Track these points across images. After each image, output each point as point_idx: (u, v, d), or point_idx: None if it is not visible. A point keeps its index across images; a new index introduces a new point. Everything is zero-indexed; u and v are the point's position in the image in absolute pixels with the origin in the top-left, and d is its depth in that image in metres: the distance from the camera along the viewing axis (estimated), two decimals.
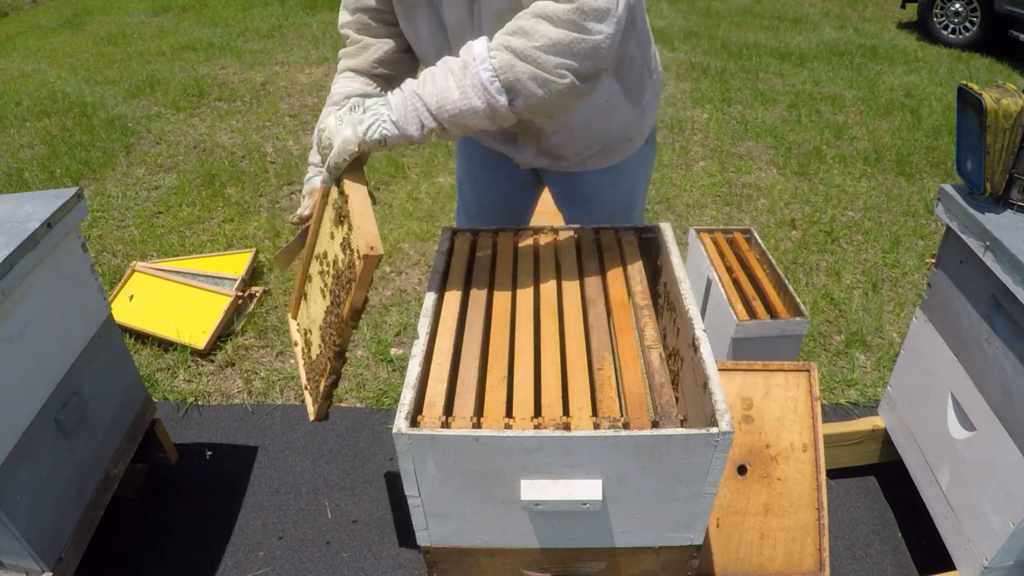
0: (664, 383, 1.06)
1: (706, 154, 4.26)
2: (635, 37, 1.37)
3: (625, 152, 1.56)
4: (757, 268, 2.19)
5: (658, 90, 1.54)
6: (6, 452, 1.43)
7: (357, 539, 1.96)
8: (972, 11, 6.25)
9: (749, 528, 1.60)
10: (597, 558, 1.13)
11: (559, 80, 1.06)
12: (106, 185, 3.90)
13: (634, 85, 1.44)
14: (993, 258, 1.39)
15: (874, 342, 2.67)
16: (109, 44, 6.59)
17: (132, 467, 1.96)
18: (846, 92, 5.22)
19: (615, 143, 1.53)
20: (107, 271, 3.09)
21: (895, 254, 3.21)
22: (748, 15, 7.51)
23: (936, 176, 3.98)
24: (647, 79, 1.47)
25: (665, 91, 5.27)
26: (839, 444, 2.02)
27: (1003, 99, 1.33)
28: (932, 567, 1.75)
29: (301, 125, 4.71)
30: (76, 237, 1.67)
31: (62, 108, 4.96)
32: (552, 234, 1.45)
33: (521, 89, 1.05)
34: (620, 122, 1.49)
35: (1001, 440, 1.45)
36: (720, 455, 0.96)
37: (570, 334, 1.18)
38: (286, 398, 2.45)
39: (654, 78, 1.50)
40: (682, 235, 2.95)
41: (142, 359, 2.59)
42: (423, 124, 1.08)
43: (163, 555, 1.92)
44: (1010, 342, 1.41)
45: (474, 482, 1.01)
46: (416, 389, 1.04)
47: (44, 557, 1.52)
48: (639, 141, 1.55)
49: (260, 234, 3.39)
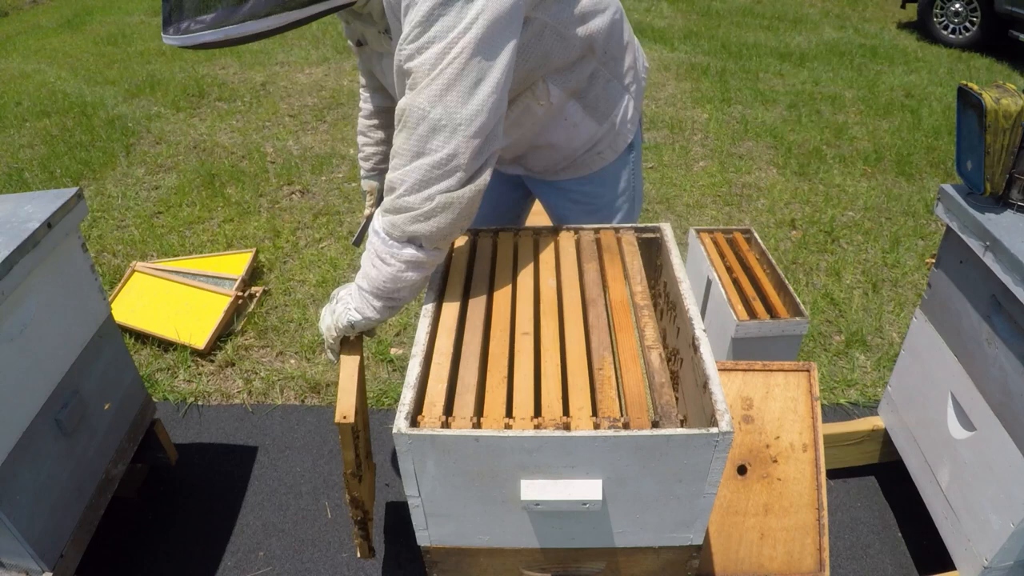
0: (664, 383, 1.06)
1: (706, 154, 4.26)
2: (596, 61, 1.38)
3: (596, 165, 1.55)
4: (757, 268, 2.19)
5: (638, 102, 1.53)
6: (6, 452, 1.43)
7: None
8: (972, 11, 6.25)
9: (749, 528, 1.60)
10: (597, 558, 1.13)
11: (436, 206, 1.12)
12: (106, 185, 3.90)
13: (600, 103, 1.44)
14: (993, 258, 1.39)
15: (874, 342, 2.67)
16: (109, 44, 6.59)
17: (132, 467, 1.96)
18: (846, 92, 5.22)
19: (584, 158, 1.53)
20: (107, 271, 3.09)
21: (895, 254, 3.21)
22: (748, 15, 7.51)
23: (936, 176, 3.98)
24: (619, 95, 1.47)
25: (665, 91, 5.27)
26: (839, 444, 2.02)
27: (1003, 99, 1.33)
28: (932, 567, 1.75)
29: (301, 125, 4.71)
30: (76, 237, 1.67)
31: (62, 108, 4.96)
32: (552, 234, 1.45)
33: (414, 233, 1.14)
34: (586, 139, 1.49)
35: (1001, 440, 1.45)
36: (720, 455, 0.96)
37: (570, 334, 1.18)
38: (286, 398, 2.45)
39: (632, 91, 1.49)
40: (682, 235, 2.95)
41: (142, 359, 2.59)
42: (373, 306, 1.23)
43: (163, 555, 1.92)
44: (1010, 342, 1.41)
45: (474, 482, 1.01)
46: (416, 389, 1.04)
47: (44, 557, 1.52)
48: (611, 154, 1.54)
49: (260, 234, 3.39)
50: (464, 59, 1.07)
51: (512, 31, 1.11)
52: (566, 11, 1.27)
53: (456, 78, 1.08)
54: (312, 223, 3.51)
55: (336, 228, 3.46)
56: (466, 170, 1.11)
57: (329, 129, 4.65)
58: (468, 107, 1.09)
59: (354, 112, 4.87)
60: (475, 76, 1.08)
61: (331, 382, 2.50)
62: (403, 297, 1.22)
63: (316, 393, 2.47)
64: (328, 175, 4.01)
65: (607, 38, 1.37)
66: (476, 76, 1.08)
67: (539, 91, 1.36)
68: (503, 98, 1.13)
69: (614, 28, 1.38)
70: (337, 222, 3.52)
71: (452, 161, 1.10)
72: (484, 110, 1.09)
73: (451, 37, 1.06)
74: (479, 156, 1.12)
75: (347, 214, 3.59)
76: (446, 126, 1.08)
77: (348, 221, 3.52)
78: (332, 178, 3.98)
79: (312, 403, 2.44)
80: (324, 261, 3.17)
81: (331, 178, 3.98)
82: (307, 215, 3.58)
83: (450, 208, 1.12)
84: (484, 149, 1.12)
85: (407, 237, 1.15)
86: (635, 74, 1.50)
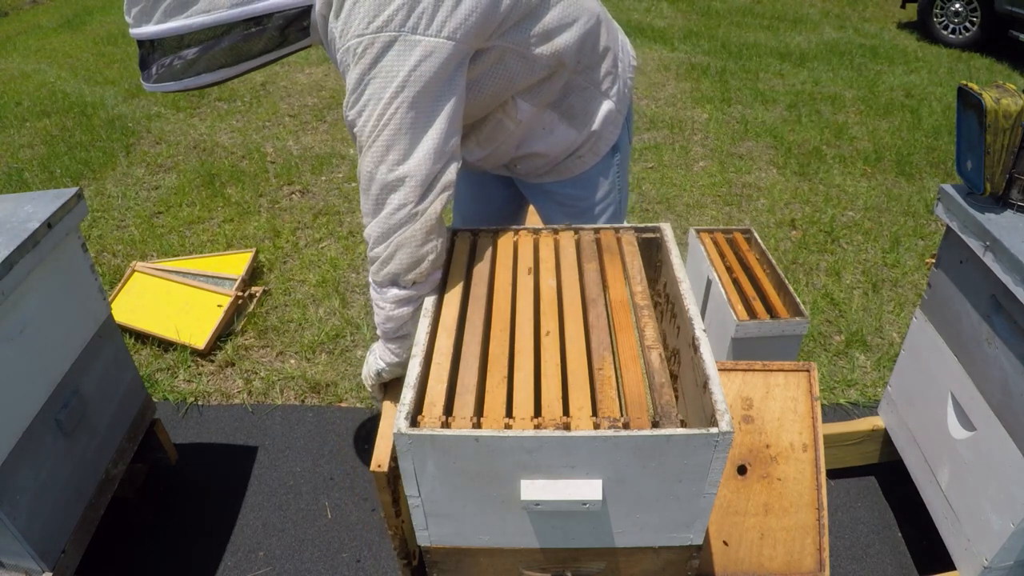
0: (664, 383, 1.06)
1: (706, 154, 4.26)
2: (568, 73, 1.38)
3: (578, 169, 1.56)
4: (757, 268, 2.19)
5: (621, 104, 1.53)
6: (6, 452, 1.43)
7: (357, 539, 1.96)
8: (972, 11, 6.25)
9: (749, 528, 1.60)
10: (597, 558, 1.13)
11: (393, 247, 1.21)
12: (106, 185, 3.90)
13: (577, 111, 1.45)
14: (993, 258, 1.39)
15: (874, 342, 2.67)
16: (109, 44, 6.59)
17: (132, 467, 1.96)
18: (846, 92, 5.22)
19: (566, 163, 1.54)
20: (107, 271, 3.09)
21: (895, 254, 3.21)
22: (748, 15, 7.51)
23: (936, 176, 3.98)
24: (597, 101, 1.47)
25: (665, 91, 5.27)
26: (839, 444, 2.02)
27: (1003, 99, 1.33)
28: (932, 567, 1.75)
29: (301, 125, 4.71)
30: (76, 237, 1.67)
31: (62, 108, 4.96)
32: (552, 234, 1.45)
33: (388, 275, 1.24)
34: (566, 146, 1.50)
35: (1001, 440, 1.45)
36: (720, 455, 0.96)
37: (570, 334, 1.18)
38: (286, 398, 2.45)
39: (611, 95, 1.49)
40: (682, 235, 2.95)
41: (142, 359, 2.59)
42: (389, 349, 1.36)
43: (163, 555, 1.92)
44: (1010, 342, 1.41)
45: (474, 482, 1.01)
46: (416, 389, 1.04)
47: (44, 557, 1.52)
48: (592, 158, 1.55)
49: (260, 234, 3.39)
50: (399, 118, 1.12)
51: (449, 78, 1.14)
52: (526, 33, 1.26)
53: (395, 137, 1.13)
54: (312, 223, 3.51)
55: (336, 228, 3.46)
56: (416, 211, 1.19)
57: (329, 129, 4.65)
58: (410, 162, 1.14)
59: None
60: (414, 132, 1.13)
61: (331, 382, 2.50)
62: (409, 333, 1.31)
63: (316, 393, 2.47)
64: (328, 175, 4.01)
65: (578, 50, 1.36)
66: (416, 131, 1.13)
67: (509, 108, 1.37)
68: (450, 136, 1.17)
69: (586, 39, 1.36)
70: (337, 222, 3.52)
71: (402, 210, 1.18)
72: (428, 159, 1.15)
73: (384, 99, 1.11)
74: (429, 195, 1.19)
75: (347, 214, 3.59)
76: (392, 182, 1.15)
77: (348, 221, 3.52)
78: (332, 178, 3.98)
79: (312, 403, 2.44)
80: (324, 261, 3.17)
81: (331, 178, 3.98)
82: (307, 215, 3.58)
83: (406, 244, 1.21)
84: (434, 186, 1.19)
85: (387, 280, 1.25)
86: (615, 77, 1.49)
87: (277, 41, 1.22)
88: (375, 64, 1.10)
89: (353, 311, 2.86)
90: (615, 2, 7.81)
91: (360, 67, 1.11)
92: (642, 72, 5.62)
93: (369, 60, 1.10)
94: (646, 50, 6.18)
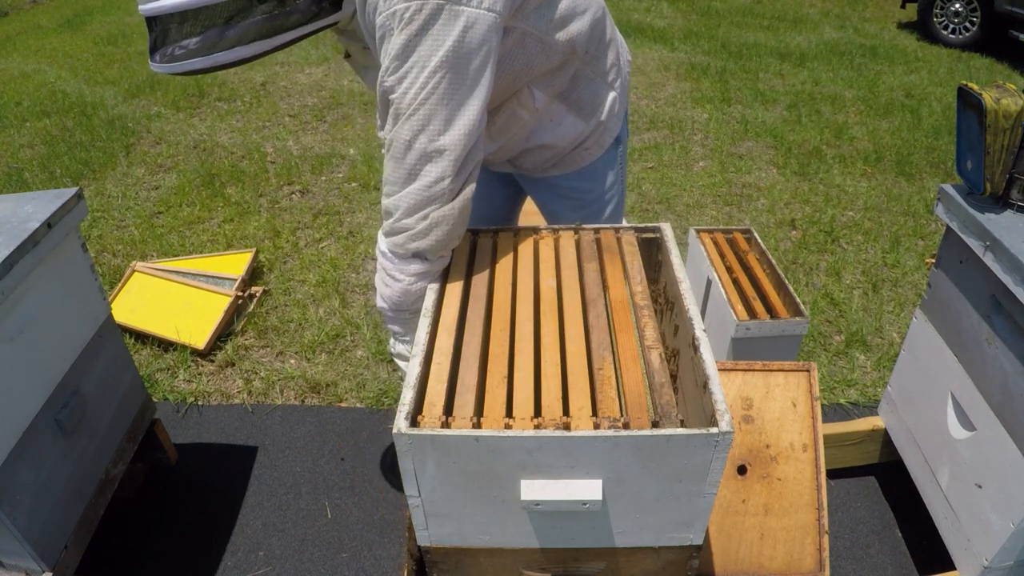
0: (664, 383, 1.06)
1: (706, 154, 4.26)
2: (578, 62, 1.39)
3: (584, 161, 1.57)
4: (757, 268, 2.19)
5: (623, 96, 1.54)
6: (6, 452, 1.43)
7: (357, 539, 1.96)
8: (972, 11, 6.25)
9: (749, 528, 1.60)
10: (597, 558, 1.13)
11: (431, 223, 1.19)
12: (106, 185, 3.90)
13: (585, 102, 1.46)
14: (993, 258, 1.39)
15: (874, 342, 2.67)
16: (109, 44, 6.59)
17: (132, 467, 1.96)
18: (846, 92, 5.22)
19: (572, 155, 1.54)
20: (107, 271, 3.09)
21: (895, 254, 3.21)
22: (748, 15, 7.51)
23: (936, 176, 3.98)
24: (604, 92, 1.48)
25: (665, 91, 5.27)
26: (839, 444, 2.02)
27: (1003, 99, 1.33)
28: (932, 567, 1.75)
29: (301, 125, 4.71)
30: (76, 237, 1.67)
31: (62, 108, 4.96)
32: (552, 234, 1.45)
33: (416, 249, 1.22)
34: (574, 137, 1.50)
35: (1001, 440, 1.45)
36: (720, 455, 0.96)
37: (570, 334, 1.18)
38: (286, 398, 2.45)
39: (616, 86, 1.50)
40: (682, 235, 2.95)
41: (142, 359, 2.59)
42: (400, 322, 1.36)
43: (163, 555, 1.92)
44: (1010, 342, 1.41)
45: (474, 482, 1.01)
46: (416, 389, 1.04)
47: (44, 557, 1.52)
48: (598, 150, 1.56)
49: (260, 234, 3.39)
50: (444, 88, 1.10)
51: (488, 51, 1.13)
52: (545, 18, 1.27)
53: (437, 107, 1.11)
54: (312, 223, 3.51)
55: (336, 228, 3.46)
56: (453, 187, 1.18)
57: (329, 129, 4.65)
58: (450, 133, 1.13)
59: (354, 112, 4.88)
60: (455, 102, 1.12)
61: (331, 382, 2.50)
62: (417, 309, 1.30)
63: (316, 393, 2.47)
64: (328, 175, 4.01)
65: (588, 39, 1.37)
66: (456, 102, 1.12)
67: (524, 97, 1.38)
68: (483, 115, 1.16)
69: (595, 28, 1.38)
70: (337, 222, 3.52)
71: (440, 183, 1.16)
72: (466, 133, 1.14)
73: (430, 67, 1.09)
74: (463, 172, 1.18)
75: (347, 214, 3.59)
76: (431, 153, 1.14)
77: (348, 221, 3.53)
78: (332, 178, 3.98)
79: (312, 403, 2.44)
80: (324, 261, 3.17)
81: (331, 178, 3.98)
82: (307, 215, 3.58)
83: (444, 222, 1.20)
84: (468, 165, 1.18)
85: (411, 253, 1.23)
86: (618, 69, 1.51)
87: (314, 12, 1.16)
88: (423, 31, 1.07)
89: (353, 311, 2.86)
90: (615, 2, 7.81)
91: (406, 33, 1.07)
92: (642, 72, 5.62)
93: (416, 27, 1.07)
94: (646, 50, 6.18)
